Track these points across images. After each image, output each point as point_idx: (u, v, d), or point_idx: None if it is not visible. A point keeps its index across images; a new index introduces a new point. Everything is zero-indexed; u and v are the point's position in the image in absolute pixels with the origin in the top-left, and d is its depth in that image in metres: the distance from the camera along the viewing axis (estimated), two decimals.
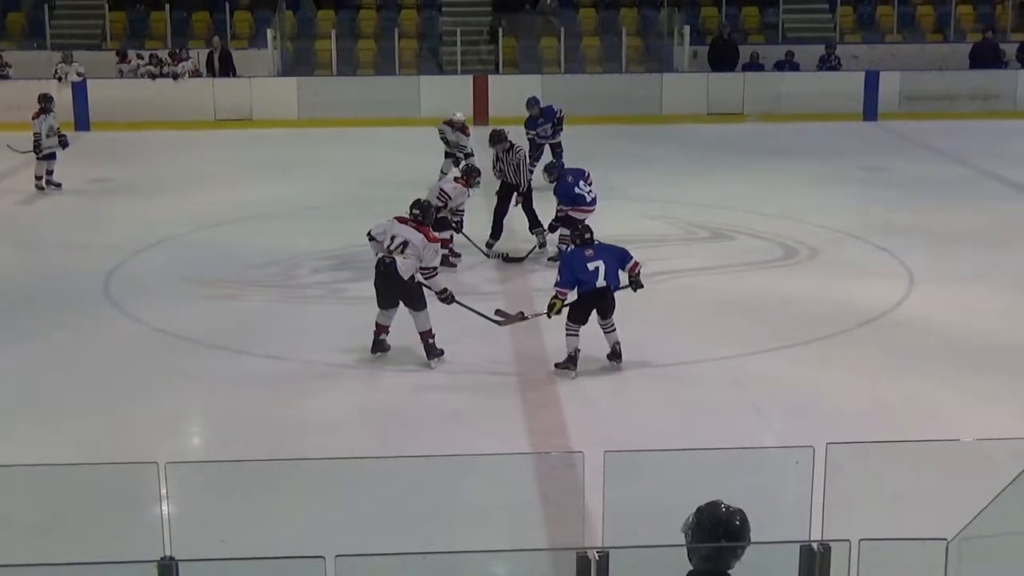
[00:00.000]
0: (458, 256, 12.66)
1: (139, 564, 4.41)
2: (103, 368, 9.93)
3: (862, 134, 21.54)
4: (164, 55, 22.78)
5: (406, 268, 9.54)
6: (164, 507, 5.46)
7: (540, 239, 13.09)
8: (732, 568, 4.30)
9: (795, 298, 11.55)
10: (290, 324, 11.03)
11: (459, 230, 12.65)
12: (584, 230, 9.94)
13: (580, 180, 12.48)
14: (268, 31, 24.09)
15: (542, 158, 15.77)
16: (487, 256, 12.97)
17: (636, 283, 9.67)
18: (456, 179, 12.95)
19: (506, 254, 12.98)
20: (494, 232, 13.21)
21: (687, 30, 24.40)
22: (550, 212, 12.69)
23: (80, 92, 21.67)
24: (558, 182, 12.55)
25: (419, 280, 9.64)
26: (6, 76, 22.54)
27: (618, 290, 9.57)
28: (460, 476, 6.29)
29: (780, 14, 25.85)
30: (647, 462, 6.14)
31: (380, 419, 8.89)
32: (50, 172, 16.72)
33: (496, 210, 13.29)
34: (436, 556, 4.69)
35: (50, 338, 10.65)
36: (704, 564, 4.32)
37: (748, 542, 4.32)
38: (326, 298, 11.96)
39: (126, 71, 22.61)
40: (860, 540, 4.41)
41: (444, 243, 11.30)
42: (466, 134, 16.09)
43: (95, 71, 22.35)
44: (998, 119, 22.00)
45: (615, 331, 9.57)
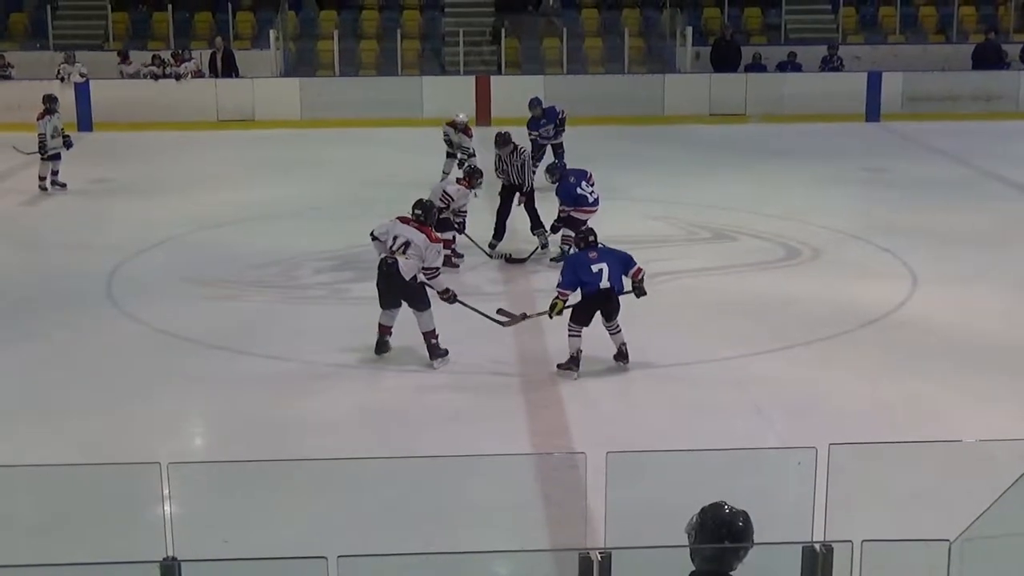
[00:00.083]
0: (461, 257, 12.66)
1: (142, 564, 4.41)
2: (104, 368, 9.93)
3: (864, 135, 21.53)
4: (167, 56, 22.78)
5: (408, 268, 9.54)
6: (166, 507, 5.45)
7: (542, 240, 13.09)
8: (735, 569, 4.30)
9: (797, 299, 11.55)
10: (291, 324, 11.03)
11: (462, 231, 12.65)
12: (588, 233, 9.92)
13: (582, 181, 12.49)
14: (270, 31, 24.09)
15: (544, 159, 15.77)
16: (490, 257, 12.97)
17: (639, 289, 9.65)
18: (458, 180, 12.97)
19: (509, 255, 12.98)
20: (497, 233, 13.21)
21: (689, 31, 24.41)
22: (552, 213, 12.70)
23: (83, 92, 21.67)
24: (560, 183, 12.56)
25: (422, 280, 9.64)
26: (8, 76, 22.54)
27: (621, 295, 9.57)
28: (462, 477, 6.29)
29: (783, 15, 25.86)
30: (649, 463, 6.14)
31: (382, 419, 8.88)
32: (55, 173, 16.73)
33: (499, 211, 13.29)
34: (438, 556, 4.70)
35: (51, 338, 10.65)
36: (707, 565, 4.32)
37: (751, 543, 4.32)
38: (327, 298, 11.96)
39: (127, 72, 22.60)
40: (862, 541, 4.41)
41: (447, 244, 11.30)
42: (468, 135, 16.12)
43: (97, 71, 22.34)
44: (1000, 120, 21.98)
45: (620, 332, 9.56)
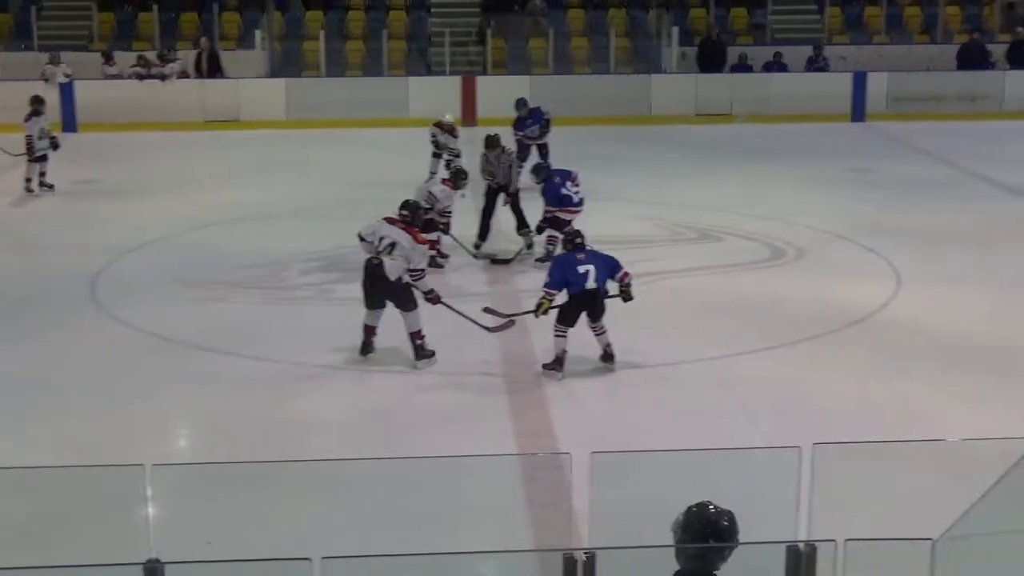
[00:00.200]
0: (446, 257, 12.65)
1: (125, 566, 4.40)
2: (90, 370, 9.91)
3: (850, 135, 21.57)
4: (152, 56, 22.73)
5: (393, 269, 9.55)
6: (150, 509, 5.44)
7: (527, 240, 13.09)
8: (719, 569, 4.31)
9: (783, 299, 11.57)
10: (279, 325, 11.02)
11: (447, 231, 12.64)
12: (576, 235, 9.92)
13: (568, 181, 12.50)
14: (256, 32, 24.07)
15: (529, 159, 15.77)
16: (475, 257, 12.97)
17: (626, 294, 9.65)
18: (443, 181, 12.97)
19: (494, 255, 12.98)
20: (481, 233, 13.21)
21: (675, 31, 24.44)
22: (537, 213, 12.70)
23: (67, 93, 21.59)
24: (546, 183, 12.56)
25: (407, 281, 9.64)
26: None
27: (607, 298, 9.57)
28: (448, 477, 6.28)
29: (768, 15, 25.90)
30: (634, 463, 6.15)
31: (368, 420, 8.87)
32: (43, 174, 16.68)
33: (483, 211, 13.30)
34: (423, 557, 4.69)
35: (37, 340, 10.62)
36: (691, 564, 4.32)
37: (736, 543, 4.33)
38: (314, 299, 11.94)
39: (109, 72, 22.52)
40: (846, 540, 4.42)
41: (432, 244, 11.30)
42: (455, 136, 16.14)
43: (82, 72, 22.27)
44: (985, 120, 22.04)
45: (605, 333, 9.57)
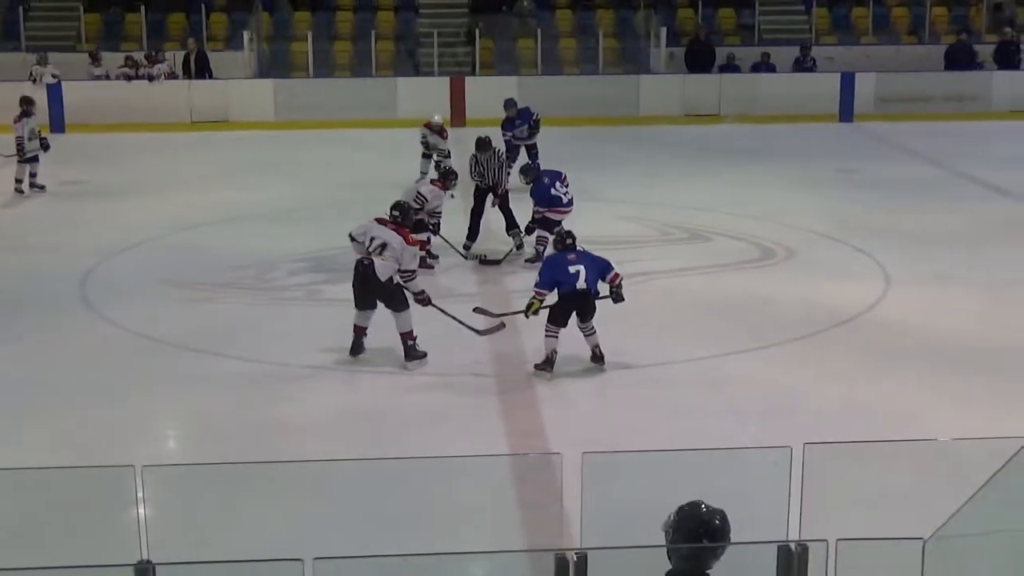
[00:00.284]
0: (435, 258, 12.65)
1: (116, 568, 4.39)
2: (79, 371, 9.88)
3: (838, 135, 21.62)
4: (140, 57, 22.68)
5: (384, 270, 9.55)
6: (141, 510, 5.43)
7: (517, 241, 13.09)
8: (711, 568, 4.31)
9: (772, 299, 11.58)
10: (268, 326, 11.01)
11: (436, 232, 12.64)
12: (567, 236, 9.92)
13: (556, 182, 12.51)
14: (244, 33, 24.01)
15: (518, 160, 15.78)
16: (465, 258, 12.97)
17: (617, 295, 9.66)
18: (433, 181, 12.97)
19: (483, 256, 12.98)
20: (471, 234, 13.21)
21: (663, 32, 24.45)
22: (526, 214, 12.71)
23: (55, 94, 21.53)
24: (535, 184, 12.58)
25: (397, 282, 9.65)
26: None
27: (598, 299, 9.58)
28: (438, 478, 6.28)
29: (756, 16, 25.93)
30: (625, 463, 6.15)
31: (358, 421, 8.87)
32: (33, 175, 16.63)
33: (473, 212, 13.30)
34: (414, 558, 4.69)
35: (26, 341, 10.60)
36: (684, 563, 4.33)
37: (728, 542, 4.33)
38: (303, 300, 11.93)
39: (94, 73, 22.45)
40: (837, 540, 4.42)
41: (421, 245, 11.30)
42: (444, 137, 16.16)
43: (70, 73, 22.22)
44: (973, 121, 22.09)
45: (595, 334, 9.58)
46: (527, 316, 9.64)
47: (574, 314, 9.51)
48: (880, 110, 22.63)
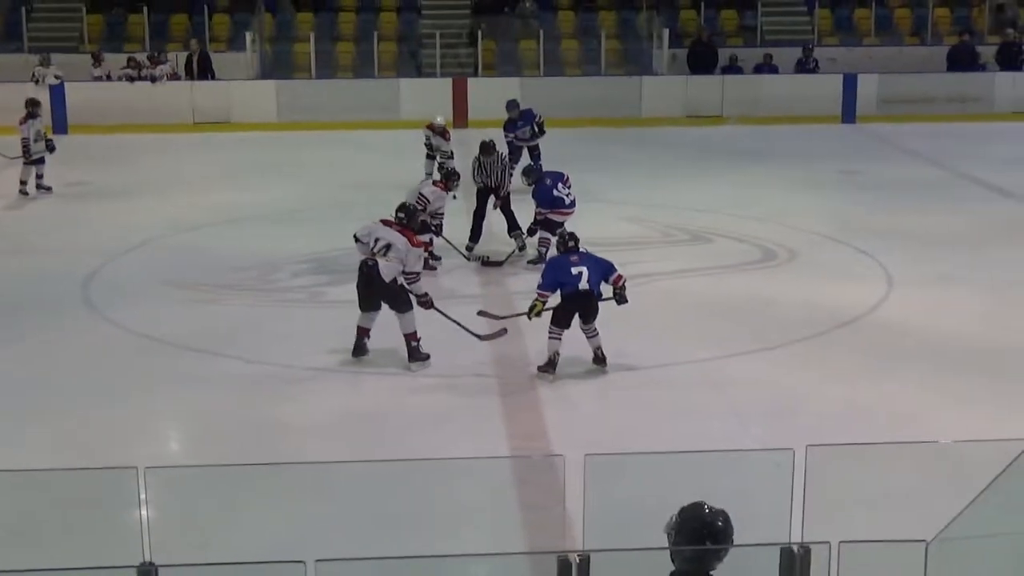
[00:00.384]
0: (438, 259, 12.66)
1: (118, 569, 4.39)
2: (81, 371, 9.89)
3: (840, 136, 21.60)
4: (142, 58, 22.69)
5: (388, 271, 9.55)
6: (143, 512, 5.43)
7: (519, 242, 13.09)
8: (714, 570, 4.31)
9: (774, 300, 11.58)
10: (271, 327, 11.01)
11: (439, 233, 12.64)
12: (570, 238, 9.91)
13: (559, 183, 12.51)
14: (247, 34, 24.00)
15: (521, 161, 15.78)
16: (467, 259, 12.97)
17: (620, 297, 9.65)
18: (435, 183, 12.97)
19: (486, 257, 12.98)
20: (473, 235, 13.21)
21: (666, 33, 24.44)
22: (528, 215, 12.71)
23: (58, 95, 21.52)
24: (537, 185, 12.58)
25: (401, 283, 9.65)
26: None
27: (601, 301, 9.58)
28: (441, 480, 6.28)
29: (759, 17, 25.91)
30: (627, 465, 6.15)
31: (361, 422, 8.86)
32: (40, 176, 16.62)
33: (475, 213, 13.29)
34: (416, 560, 4.69)
35: (28, 341, 10.61)
36: (686, 565, 4.33)
37: (731, 544, 4.33)
38: (307, 301, 11.93)
39: (95, 74, 22.44)
40: (840, 542, 4.42)
41: (424, 246, 11.30)
42: (446, 138, 16.16)
43: (73, 74, 22.20)
44: (975, 121, 22.07)
45: (597, 336, 9.57)
46: (530, 318, 9.64)
47: (577, 316, 9.51)
48: (882, 111, 22.61)
